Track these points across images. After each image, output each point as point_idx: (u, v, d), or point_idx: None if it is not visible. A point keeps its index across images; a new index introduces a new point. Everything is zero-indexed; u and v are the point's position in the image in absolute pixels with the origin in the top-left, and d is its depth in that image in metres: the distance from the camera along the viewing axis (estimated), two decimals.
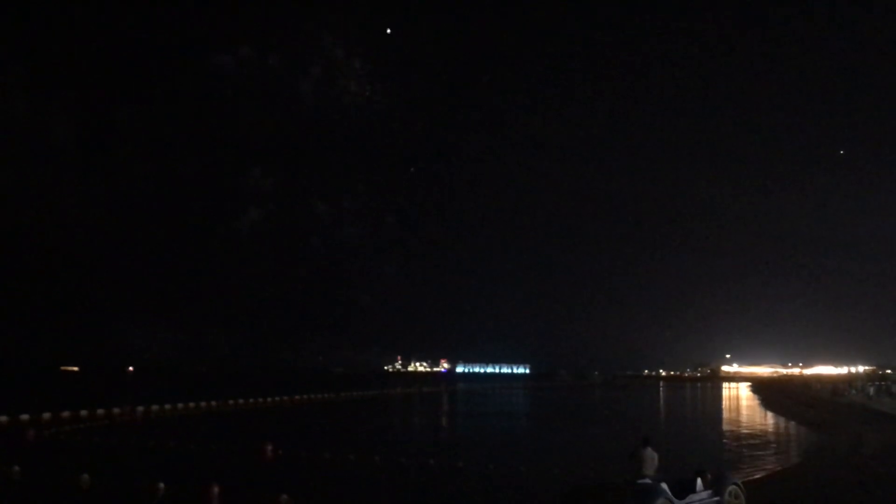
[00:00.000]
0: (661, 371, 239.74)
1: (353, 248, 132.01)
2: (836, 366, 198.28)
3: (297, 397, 64.23)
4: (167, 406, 47.41)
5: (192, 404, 49.48)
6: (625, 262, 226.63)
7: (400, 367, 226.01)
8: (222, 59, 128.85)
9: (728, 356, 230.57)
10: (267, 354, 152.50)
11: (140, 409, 45.42)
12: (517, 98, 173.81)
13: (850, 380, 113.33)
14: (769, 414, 53.29)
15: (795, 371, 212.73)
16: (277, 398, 61.24)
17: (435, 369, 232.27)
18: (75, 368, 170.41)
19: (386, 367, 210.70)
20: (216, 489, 17.11)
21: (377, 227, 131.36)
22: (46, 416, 38.66)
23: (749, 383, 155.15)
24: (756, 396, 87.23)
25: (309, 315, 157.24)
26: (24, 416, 37.42)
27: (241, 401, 55.46)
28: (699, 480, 12.67)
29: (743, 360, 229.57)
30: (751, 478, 19.80)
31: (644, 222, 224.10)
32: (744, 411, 60.44)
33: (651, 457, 12.64)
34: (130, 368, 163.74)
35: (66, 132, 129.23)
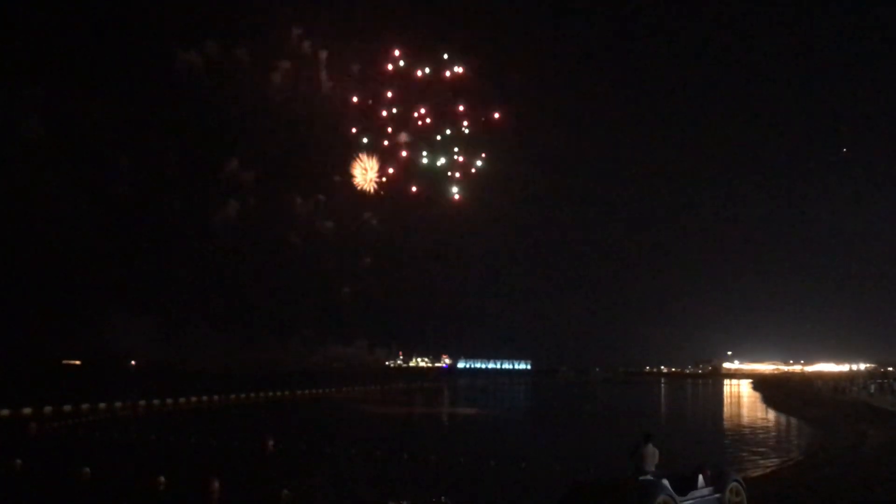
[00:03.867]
0: (662, 368, 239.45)
1: (332, 242, 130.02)
2: (837, 363, 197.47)
3: (298, 392, 64.32)
4: (168, 400, 47.49)
5: (193, 399, 49.54)
6: (626, 258, 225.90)
7: (401, 362, 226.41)
8: (190, 53, 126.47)
9: (729, 353, 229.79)
10: (257, 350, 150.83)
11: (141, 403, 45.50)
12: (514, 97, 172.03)
13: (851, 377, 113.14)
14: (771, 411, 53.23)
15: (797, 368, 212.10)
16: (278, 393, 61.31)
17: (436, 365, 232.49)
18: (77, 362, 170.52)
19: (387, 363, 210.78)
20: (216, 483, 17.12)
21: (358, 220, 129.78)
22: (48, 409, 38.74)
23: (750, 380, 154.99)
24: (757, 393, 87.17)
25: (291, 309, 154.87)
26: (27, 410, 37.54)
27: (242, 395, 55.48)
28: (700, 477, 12.62)
29: (744, 357, 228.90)
30: (752, 474, 19.78)
31: (646, 218, 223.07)
32: (745, 408, 60.42)
33: (652, 453, 12.58)
34: (133, 363, 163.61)
35: (37, 128, 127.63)
